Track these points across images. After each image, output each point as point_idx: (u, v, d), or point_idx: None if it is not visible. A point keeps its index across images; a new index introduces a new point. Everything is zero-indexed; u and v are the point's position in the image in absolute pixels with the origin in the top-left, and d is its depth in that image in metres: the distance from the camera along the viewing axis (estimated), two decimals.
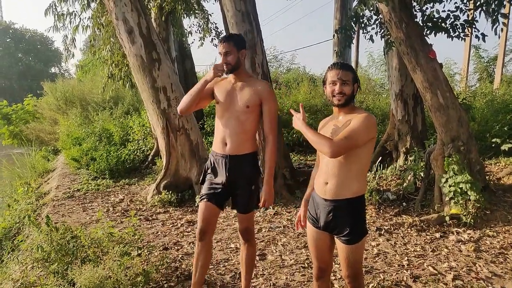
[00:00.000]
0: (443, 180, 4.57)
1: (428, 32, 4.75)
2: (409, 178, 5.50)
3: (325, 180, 2.16)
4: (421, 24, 4.77)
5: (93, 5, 8.27)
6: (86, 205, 6.23)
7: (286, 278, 3.32)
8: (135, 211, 5.53)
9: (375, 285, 3.09)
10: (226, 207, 5.39)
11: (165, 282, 3.28)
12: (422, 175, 5.27)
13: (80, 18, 8.40)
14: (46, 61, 53.61)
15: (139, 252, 3.74)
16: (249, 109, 2.60)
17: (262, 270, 3.50)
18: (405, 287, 3.07)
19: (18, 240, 4.32)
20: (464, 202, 4.39)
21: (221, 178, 2.66)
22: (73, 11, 8.36)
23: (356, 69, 15.57)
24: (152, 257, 3.76)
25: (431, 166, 4.95)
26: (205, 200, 2.70)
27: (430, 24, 4.76)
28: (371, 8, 4.16)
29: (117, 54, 8.47)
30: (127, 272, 2.88)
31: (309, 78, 14.27)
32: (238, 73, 2.64)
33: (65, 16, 8.41)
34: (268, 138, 2.62)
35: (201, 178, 2.80)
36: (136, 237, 4.06)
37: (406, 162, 6.25)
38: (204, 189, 2.73)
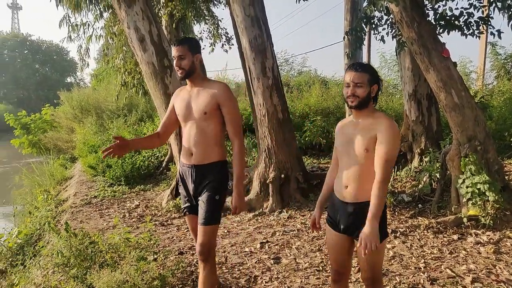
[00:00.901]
0: (460, 181, 4.50)
1: (441, 30, 4.70)
2: (424, 179, 5.43)
3: (345, 184, 2.16)
4: (434, 23, 4.73)
5: (105, 15, 8.43)
6: (103, 211, 6.32)
7: (301, 281, 3.31)
8: (150, 217, 5.57)
9: (391, 287, 3.06)
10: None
11: (181, 286, 3.31)
12: (438, 176, 5.20)
13: (93, 28, 8.59)
14: (62, 71, 54.76)
15: (155, 257, 3.79)
16: (207, 115, 2.48)
17: (277, 273, 3.50)
18: None
19: (39, 246, 4.42)
20: (482, 203, 4.31)
21: (189, 189, 2.59)
22: (87, 21, 8.55)
23: None
24: (168, 261, 3.80)
25: (447, 167, 4.88)
26: (186, 213, 2.67)
27: (443, 23, 4.72)
28: (381, 9, 4.14)
29: (129, 62, 8.60)
30: (143, 276, 2.92)
31: (321, 81, 14.22)
32: (194, 79, 2.53)
33: (78, 26, 8.59)
34: (234, 142, 2.51)
35: (174, 191, 2.77)
36: (152, 242, 4.11)
37: (421, 163, 6.17)
38: (182, 203, 2.69)
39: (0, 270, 4.99)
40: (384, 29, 5.12)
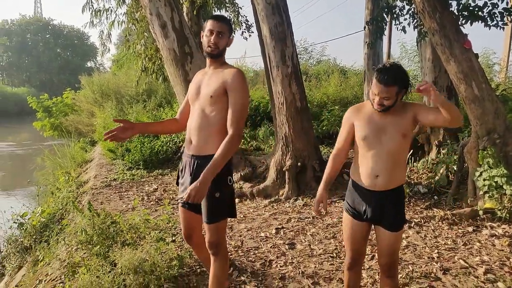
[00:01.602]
0: (477, 173, 4.48)
1: (463, 21, 4.65)
2: (441, 171, 5.42)
3: (375, 173, 2.18)
4: (456, 14, 4.67)
5: (128, 0, 8.52)
6: (122, 193, 6.50)
7: (315, 266, 3.39)
8: (168, 200, 5.72)
9: (403, 275, 3.12)
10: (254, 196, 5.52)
11: (198, 267, 3.42)
12: (455, 168, 5.18)
13: (115, 14, 8.72)
14: (83, 56, 55.57)
15: (173, 238, 3.92)
16: (213, 100, 2.29)
17: (291, 258, 3.59)
18: (435, 278, 3.08)
19: (62, 225, 4.60)
20: (499, 196, 4.30)
21: (186, 181, 2.38)
22: (109, 7, 8.68)
23: (388, 61, 15.26)
24: (185, 243, 3.92)
25: (465, 159, 4.86)
26: (180, 204, 2.54)
27: (466, 13, 4.67)
28: None
29: (150, 48, 8.71)
30: (162, 256, 3.03)
31: (340, 70, 14.12)
32: (217, 61, 2.38)
33: (101, 12, 8.73)
34: (229, 132, 2.23)
35: (176, 179, 2.60)
36: (170, 224, 4.25)
37: (439, 156, 6.13)
38: (179, 193, 2.52)
39: (25, 246, 5.22)
40: (405, 19, 5.07)
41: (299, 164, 5.63)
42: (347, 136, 2.31)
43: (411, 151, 6.42)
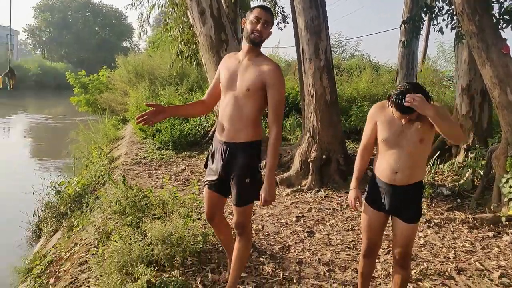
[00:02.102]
0: (504, 180, 4.47)
1: (504, 25, 4.60)
2: (467, 175, 5.40)
3: (395, 169, 2.28)
4: (497, 17, 4.62)
5: None
6: (151, 171, 6.78)
7: (331, 255, 3.53)
8: (196, 181, 5.95)
9: (417, 271, 3.21)
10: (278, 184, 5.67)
11: (219, 245, 3.61)
12: (481, 173, 5.16)
13: None
14: (119, 35, 56.66)
15: (199, 217, 4.13)
16: (249, 93, 2.34)
17: (309, 245, 3.73)
18: (448, 277, 3.16)
19: (95, 196, 4.90)
20: None
21: (217, 165, 2.50)
22: None
23: (423, 60, 14.97)
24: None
25: (492, 165, 4.84)
26: (206, 187, 2.63)
27: (507, 17, 4.61)
28: None
29: (187, 32, 8.90)
30: (189, 232, 3.24)
31: (373, 66, 13.97)
32: (254, 50, 2.40)
33: None
34: (272, 129, 2.35)
35: (204, 162, 2.69)
36: (196, 204, 4.46)
37: (466, 159, 6.10)
38: (206, 175, 2.64)
39: (61, 212, 5.58)
40: (443, 20, 5.05)
41: (324, 156, 5.74)
42: (371, 133, 2.41)
43: (438, 152, 6.41)
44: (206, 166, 2.66)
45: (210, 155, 2.61)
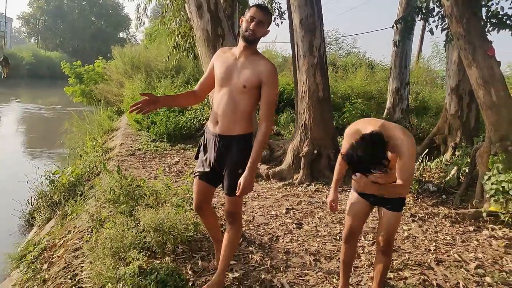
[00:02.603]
0: (486, 177, 4.63)
1: (491, 28, 4.73)
2: (452, 172, 5.56)
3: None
4: (485, 20, 4.76)
5: None
6: (145, 163, 6.88)
7: (318, 246, 3.67)
8: (188, 173, 6.06)
9: (399, 262, 3.36)
10: (270, 177, 5.79)
11: (209, 235, 3.74)
12: (466, 170, 5.33)
13: None
14: (116, 26, 56.35)
15: (191, 207, 4.25)
16: (245, 89, 2.45)
17: (297, 236, 3.87)
18: (428, 268, 3.31)
19: (89, 185, 4.99)
20: (504, 201, 4.44)
21: (210, 156, 2.59)
22: None
23: (418, 59, 15.14)
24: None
25: (476, 163, 5.00)
26: (196, 177, 2.71)
27: (494, 21, 4.74)
28: (435, 1, 4.21)
29: (184, 26, 8.97)
30: (180, 220, 3.36)
31: (368, 64, 14.11)
32: (249, 48, 2.48)
33: None
34: (262, 124, 2.47)
35: (195, 154, 2.79)
36: (188, 194, 4.57)
37: (453, 157, 6.27)
38: (196, 166, 2.72)
39: (54, 201, 5.67)
40: (434, 21, 5.18)
41: (315, 151, 5.87)
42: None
43: (427, 150, 6.58)
44: (197, 157, 2.75)
45: (202, 147, 2.70)
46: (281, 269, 3.21)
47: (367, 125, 2.36)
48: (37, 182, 6.15)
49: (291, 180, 5.83)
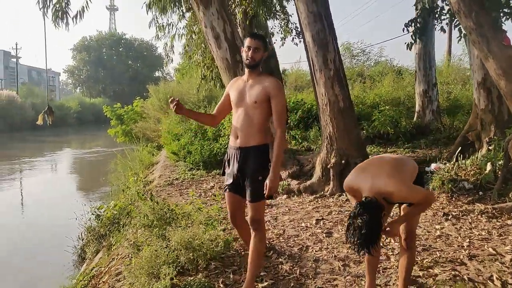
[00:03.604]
0: None
1: (504, 19, 4.69)
2: (488, 167, 5.40)
3: None
4: (497, 11, 4.72)
5: (187, 15, 9.32)
6: (182, 191, 7.18)
7: (347, 252, 3.70)
8: (222, 196, 6.26)
9: (429, 260, 3.33)
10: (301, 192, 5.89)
11: (242, 250, 3.88)
12: (501, 164, 5.17)
13: (176, 28, 9.57)
14: (151, 66, 59.10)
15: (223, 227, 4.43)
16: (256, 104, 2.78)
17: (327, 244, 3.92)
18: (460, 264, 3.26)
19: (130, 211, 5.30)
20: None
21: (234, 169, 2.88)
22: (171, 22, 9.54)
23: (449, 58, 14.80)
24: (234, 231, 4.40)
25: (510, 155, 4.86)
26: (227, 190, 3.00)
27: (507, 10, 4.70)
28: (434, 1, 4.27)
29: (208, 57, 9.42)
30: (210, 237, 3.53)
31: (396, 71, 13.97)
32: (254, 71, 2.84)
33: (164, 26, 9.63)
34: (277, 132, 2.80)
35: (222, 170, 3.07)
36: (221, 216, 4.76)
37: (489, 152, 6.07)
38: (225, 181, 3.02)
39: (101, 234, 6.04)
40: (443, 19, 5.19)
41: (343, 161, 5.90)
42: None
43: (460, 148, 6.43)
44: (223, 173, 3.05)
45: (226, 162, 3.02)
46: (310, 276, 3.28)
47: (362, 183, 2.44)
48: (85, 218, 6.57)
49: (322, 192, 5.88)
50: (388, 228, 2.40)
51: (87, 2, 7.48)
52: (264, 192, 2.76)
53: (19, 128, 34.99)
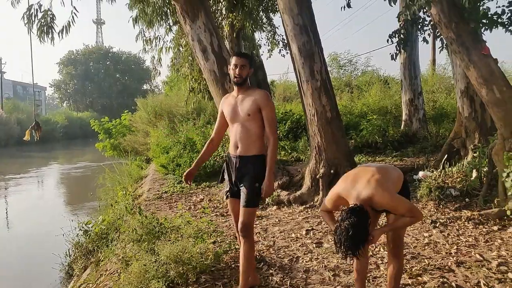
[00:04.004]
0: (504, 174, 4.57)
1: (483, 29, 4.81)
2: (474, 174, 5.49)
3: None
4: (476, 22, 4.84)
5: (174, 28, 9.36)
6: (171, 204, 7.13)
7: (337, 261, 3.71)
8: (212, 209, 6.25)
9: (418, 268, 3.36)
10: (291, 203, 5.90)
11: (233, 263, 3.86)
12: (485, 170, 5.25)
13: (163, 41, 9.58)
14: (139, 79, 58.87)
15: (213, 240, 4.41)
16: (250, 117, 2.98)
17: (317, 255, 3.93)
18: (448, 271, 3.29)
19: (119, 225, 5.24)
20: None
21: (233, 175, 3.08)
22: (158, 35, 9.56)
23: (433, 67, 15.07)
24: (224, 244, 4.38)
25: (494, 161, 4.95)
26: (228, 196, 3.19)
27: (485, 21, 4.82)
28: (415, 13, 4.37)
29: (195, 70, 9.44)
30: (200, 250, 3.51)
31: (383, 80, 14.17)
32: (243, 87, 3.04)
33: (151, 40, 9.64)
34: (270, 139, 3.02)
35: (220, 178, 3.28)
36: (211, 228, 4.74)
37: (474, 159, 6.17)
38: (225, 187, 3.21)
39: (89, 250, 5.95)
40: (425, 30, 5.31)
41: (332, 171, 5.94)
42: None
43: (446, 155, 6.52)
44: (222, 180, 3.27)
45: (224, 171, 3.22)
46: (301, 287, 3.28)
47: (350, 191, 2.54)
48: (72, 234, 6.47)
49: (312, 202, 5.90)
50: (371, 236, 2.43)
51: (73, 17, 7.47)
52: (262, 195, 2.97)
53: (5, 144, 34.49)
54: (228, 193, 3.20)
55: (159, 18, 8.50)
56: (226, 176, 3.19)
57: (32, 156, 27.69)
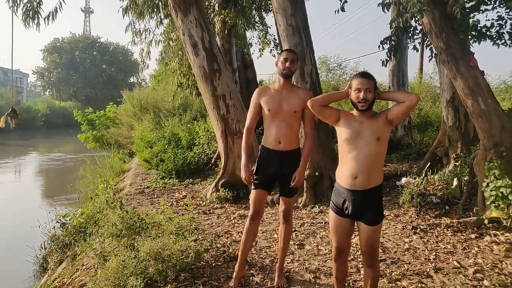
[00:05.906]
0: (484, 184, 4.65)
1: (472, 41, 4.88)
2: (454, 183, 5.58)
3: (354, 174, 2.49)
4: (465, 34, 4.91)
5: (165, 22, 9.25)
6: (153, 199, 7.05)
7: (318, 264, 3.72)
8: (194, 206, 6.20)
9: (397, 273, 3.38)
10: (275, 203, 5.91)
11: (213, 261, 3.83)
12: (466, 179, 5.34)
13: (153, 34, 9.46)
14: (126, 71, 58.11)
15: (194, 238, 4.36)
16: (295, 114, 3.16)
17: (298, 257, 3.93)
18: (426, 276, 3.33)
19: (98, 220, 5.14)
20: (505, 206, 4.44)
21: (274, 169, 3.22)
22: (148, 28, 9.44)
23: (421, 75, 15.28)
24: (205, 242, 4.34)
25: (475, 171, 5.03)
26: (258, 187, 3.28)
27: (474, 33, 4.89)
28: (408, 21, 4.40)
29: (184, 65, 9.35)
30: (180, 248, 3.46)
31: None
32: (287, 82, 3.21)
33: (141, 32, 9.51)
34: (309, 135, 3.27)
35: (254, 169, 3.31)
36: (193, 226, 4.69)
37: (456, 168, 6.28)
38: (258, 179, 3.28)
39: (66, 243, 5.84)
40: (416, 39, 5.36)
41: (316, 173, 5.96)
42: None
43: (429, 163, 6.61)
44: (256, 173, 3.30)
45: (264, 162, 3.28)
46: None
47: None
48: (49, 226, 6.33)
49: (295, 204, 5.89)
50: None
51: (60, 2, 7.31)
52: (292, 182, 3.17)
53: None
54: (258, 185, 3.28)
55: (150, 10, 8.37)
56: (262, 170, 3.27)
57: (10, 144, 27.10)
